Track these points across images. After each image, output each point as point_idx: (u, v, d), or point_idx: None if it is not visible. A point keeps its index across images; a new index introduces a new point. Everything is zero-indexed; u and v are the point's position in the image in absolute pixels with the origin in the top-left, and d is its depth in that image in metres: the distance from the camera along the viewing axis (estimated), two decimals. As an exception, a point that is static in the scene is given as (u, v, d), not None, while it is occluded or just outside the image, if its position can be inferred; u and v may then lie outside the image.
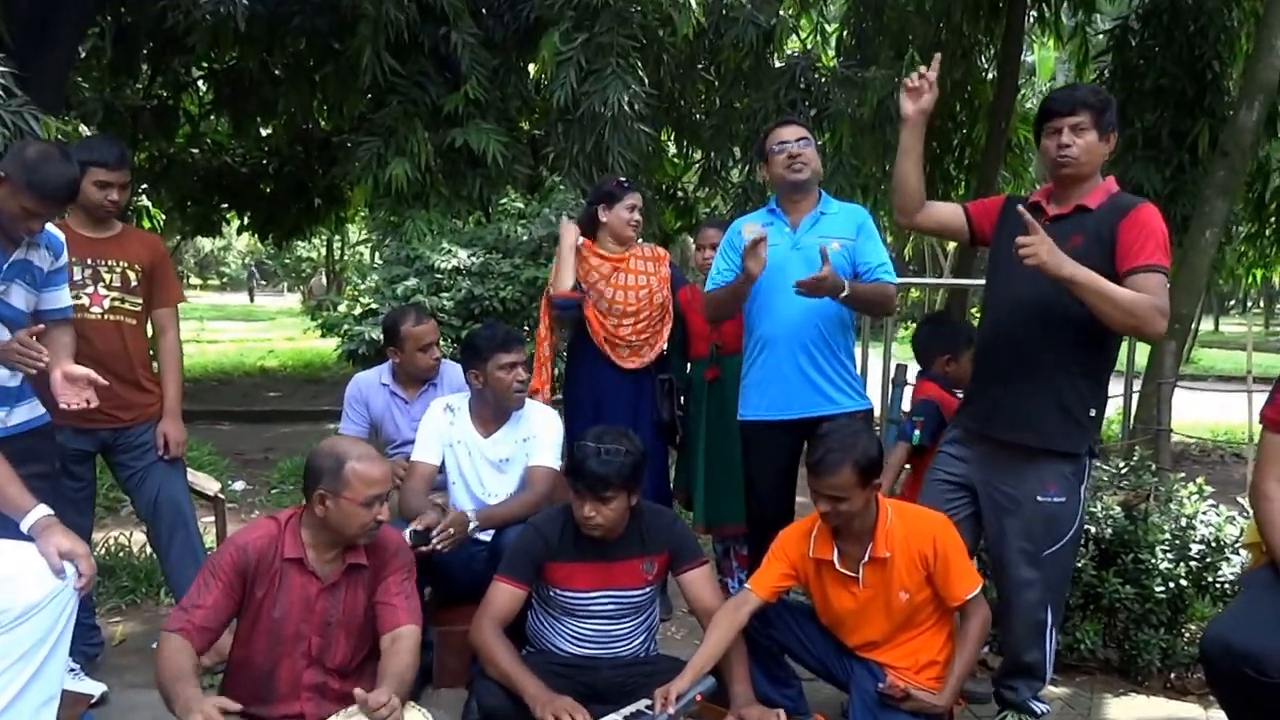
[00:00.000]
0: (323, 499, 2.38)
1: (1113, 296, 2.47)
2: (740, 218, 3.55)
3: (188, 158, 10.76)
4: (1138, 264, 2.54)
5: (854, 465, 2.54)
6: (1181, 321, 5.68)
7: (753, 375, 3.35)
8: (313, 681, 2.42)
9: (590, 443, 2.69)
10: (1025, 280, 2.64)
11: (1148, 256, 2.55)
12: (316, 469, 2.40)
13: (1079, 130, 2.64)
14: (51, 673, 2.25)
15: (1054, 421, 2.68)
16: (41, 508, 2.35)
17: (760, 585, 2.76)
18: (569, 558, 2.79)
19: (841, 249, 3.21)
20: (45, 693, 2.24)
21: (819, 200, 3.35)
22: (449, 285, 5.65)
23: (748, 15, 7.69)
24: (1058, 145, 2.66)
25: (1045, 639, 2.80)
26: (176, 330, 3.40)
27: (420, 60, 7.31)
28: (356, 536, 2.42)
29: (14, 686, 2.17)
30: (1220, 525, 3.50)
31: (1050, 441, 2.69)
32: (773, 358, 3.27)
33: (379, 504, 2.41)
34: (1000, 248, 2.82)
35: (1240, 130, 5.82)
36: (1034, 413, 2.68)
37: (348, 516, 2.38)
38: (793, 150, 3.24)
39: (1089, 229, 2.60)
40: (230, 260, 41.28)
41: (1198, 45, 8.15)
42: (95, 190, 3.09)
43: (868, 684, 2.67)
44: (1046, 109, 2.71)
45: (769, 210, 3.40)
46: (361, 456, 2.41)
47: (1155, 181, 8.04)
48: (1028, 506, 2.72)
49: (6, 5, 6.03)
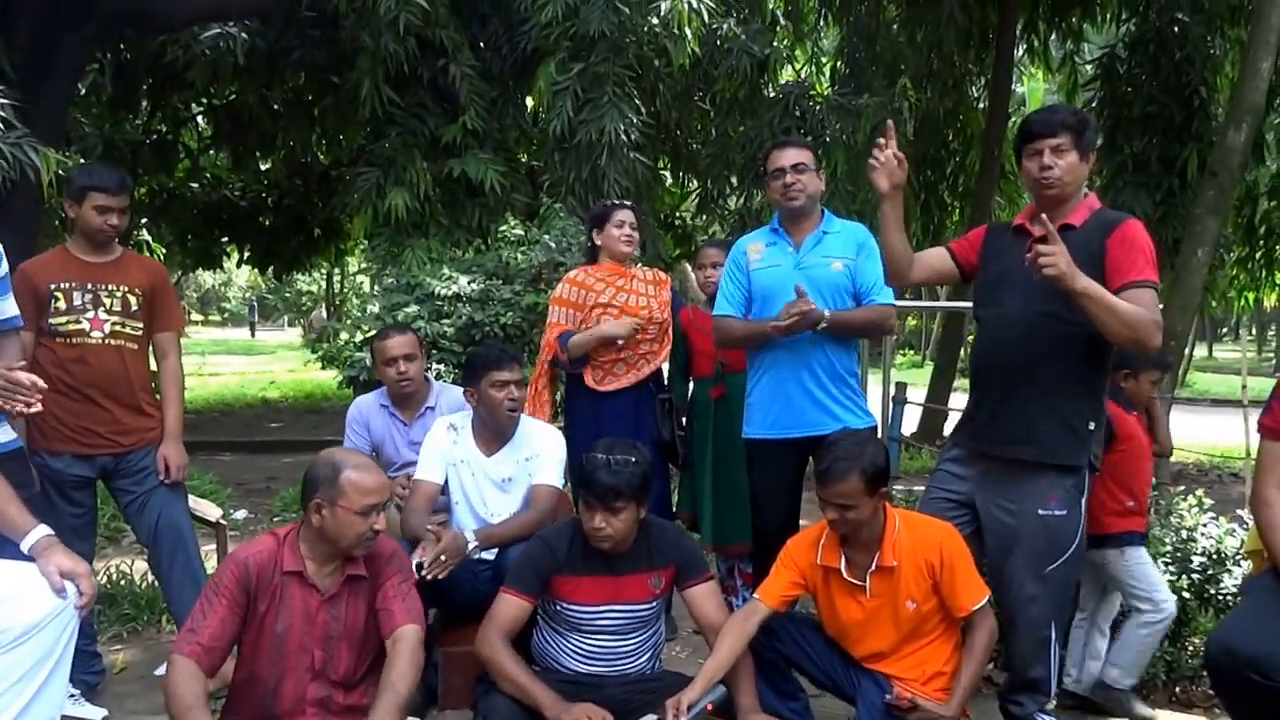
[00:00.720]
0: (319, 508, 2.39)
1: (1118, 311, 2.48)
2: (744, 236, 3.60)
3: (187, 192, 10.85)
4: (1130, 280, 2.57)
5: (861, 473, 2.57)
6: (1176, 339, 5.73)
7: (757, 394, 3.38)
8: (317, 696, 2.42)
9: (600, 454, 2.70)
10: (1018, 298, 2.70)
11: (1138, 272, 2.58)
12: (313, 478, 2.42)
13: (1060, 151, 2.67)
14: (54, 693, 2.25)
15: (1053, 435, 2.69)
16: (42, 527, 2.35)
17: (769, 594, 2.77)
18: (576, 571, 2.79)
19: (844, 269, 3.26)
20: (47, 713, 2.24)
21: (822, 219, 3.38)
22: (449, 311, 5.70)
23: (742, 45, 7.80)
24: (1040, 167, 2.69)
25: (1050, 654, 2.79)
26: (178, 355, 3.40)
27: (419, 92, 7.40)
28: (353, 547, 2.42)
29: (16, 706, 2.17)
30: (1221, 538, 3.52)
31: (1050, 455, 2.70)
32: (776, 376, 3.30)
33: (375, 514, 2.42)
34: (989, 271, 2.87)
35: (1228, 151, 5.90)
36: (1033, 427, 2.69)
37: (343, 526, 2.38)
38: (787, 180, 3.28)
39: (1077, 246, 2.60)
40: (231, 295, 41.36)
41: (1184, 72, 8.29)
42: (95, 215, 3.13)
43: (874, 696, 2.67)
44: (1027, 131, 2.74)
45: (771, 230, 3.44)
46: (358, 466, 2.43)
47: (1146, 206, 8.14)
48: (1029, 521, 2.72)
49: (7, 39, 6.12)
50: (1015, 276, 2.71)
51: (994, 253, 2.87)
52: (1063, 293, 2.50)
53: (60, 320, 3.11)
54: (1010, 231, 2.85)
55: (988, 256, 2.88)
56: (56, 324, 3.11)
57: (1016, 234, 2.81)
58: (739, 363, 3.80)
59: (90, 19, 6.76)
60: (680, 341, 3.99)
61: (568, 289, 3.97)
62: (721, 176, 8.72)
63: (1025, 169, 2.76)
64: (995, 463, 2.79)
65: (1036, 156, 2.69)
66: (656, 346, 3.93)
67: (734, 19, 8.08)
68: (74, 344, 3.11)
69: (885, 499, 2.69)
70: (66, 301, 3.12)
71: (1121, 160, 8.57)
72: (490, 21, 7.86)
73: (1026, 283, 2.62)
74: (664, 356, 3.96)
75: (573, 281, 3.99)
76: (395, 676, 2.35)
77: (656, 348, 3.93)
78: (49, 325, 3.10)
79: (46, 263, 3.18)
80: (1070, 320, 2.60)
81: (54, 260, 3.20)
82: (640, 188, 7.35)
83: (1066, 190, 2.71)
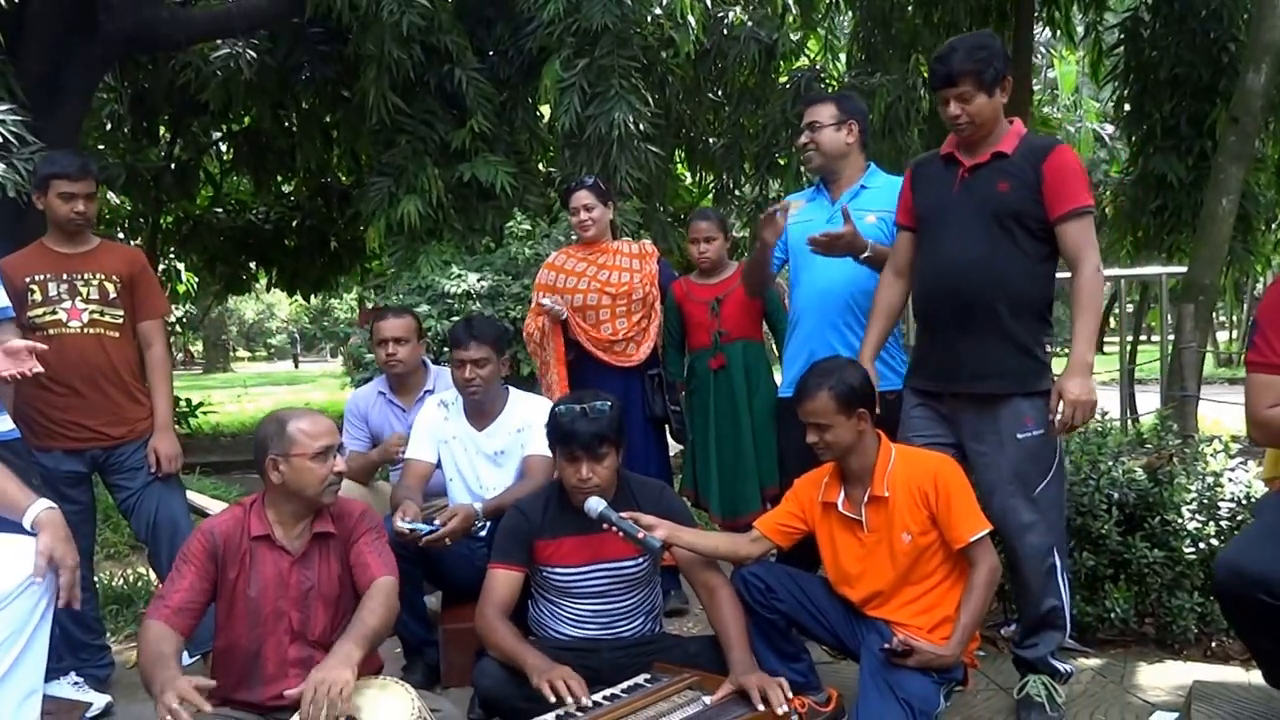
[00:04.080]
0: (275, 464, 2.37)
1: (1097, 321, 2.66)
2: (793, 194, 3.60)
3: (213, 218, 11.00)
4: (1070, 209, 2.62)
5: (830, 390, 2.57)
6: (1205, 292, 5.51)
7: (789, 349, 3.39)
8: (298, 656, 2.38)
9: (572, 405, 2.68)
10: (959, 232, 2.71)
11: (1075, 199, 2.62)
12: (262, 439, 2.41)
13: (964, 99, 2.65)
14: (31, 665, 2.23)
15: (1016, 364, 2.69)
16: (42, 501, 2.33)
17: (765, 523, 2.78)
18: (555, 533, 2.75)
19: (878, 221, 3.19)
20: (27, 685, 2.22)
21: (865, 172, 3.33)
22: (460, 309, 5.68)
23: (749, 32, 7.74)
24: (949, 115, 2.69)
25: (1059, 583, 2.72)
26: (164, 343, 3.39)
27: (427, 99, 7.41)
28: (319, 494, 2.39)
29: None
30: (1250, 482, 3.35)
31: (1018, 383, 2.69)
32: (805, 331, 3.30)
33: (332, 456, 2.39)
34: (922, 204, 2.83)
35: (1249, 94, 5.69)
36: (995, 360, 2.69)
37: (301, 474, 2.36)
38: (802, 140, 3.30)
39: (1012, 173, 2.66)
40: (273, 327, 42.03)
41: (1211, 29, 8.02)
42: (60, 203, 3.12)
43: (877, 645, 2.57)
44: (933, 76, 2.73)
45: (816, 187, 3.43)
46: (301, 415, 2.43)
47: (1179, 170, 7.90)
48: (1010, 446, 2.69)
49: (18, 63, 6.25)
50: (951, 209, 2.73)
51: (924, 183, 2.86)
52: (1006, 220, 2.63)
53: (38, 312, 3.11)
54: (939, 160, 2.83)
55: (919, 191, 2.86)
56: (34, 316, 3.10)
57: (946, 163, 2.80)
58: (737, 331, 3.74)
59: (98, 40, 6.88)
60: (674, 314, 3.92)
61: (545, 273, 4.00)
62: (736, 166, 8.65)
63: (941, 113, 2.74)
64: (965, 400, 2.76)
65: (945, 105, 2.69)
66: (645, 323, 3.87)
67: (740, 6, 8.03)
68: (52, 335, 3.09)
69: (867, 423, 2.64)
70: (42, 293, 3.12)
71: (1150, 126, 8.33)
72: (495, 26, 7.88)
73: (965, 215, 2.69)
74: (654, 334, 3.89)
75: (550, 265, 4.00)
76: (365, 613, 2.32)
77: (645, 324, 3.87)
78: (27, 319, 3.09)
79: (22, 258, 3.18)
80: (1016, 249, 2.65)
81: (29, 255, 3.20)
82: (653, 180, 7.31)
83: (983, 129, 2.70)
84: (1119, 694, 2.96)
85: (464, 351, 3.17)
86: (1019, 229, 2.65)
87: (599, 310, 3.83)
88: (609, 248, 3.92)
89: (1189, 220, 7.56)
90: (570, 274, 3.89)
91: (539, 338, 3.90)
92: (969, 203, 2.69)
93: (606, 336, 3.83)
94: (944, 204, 2.76)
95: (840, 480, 2.71)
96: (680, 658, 2.72)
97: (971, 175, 2.72)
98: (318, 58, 7.99)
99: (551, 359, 3.90)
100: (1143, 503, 3.34)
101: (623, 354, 3.84)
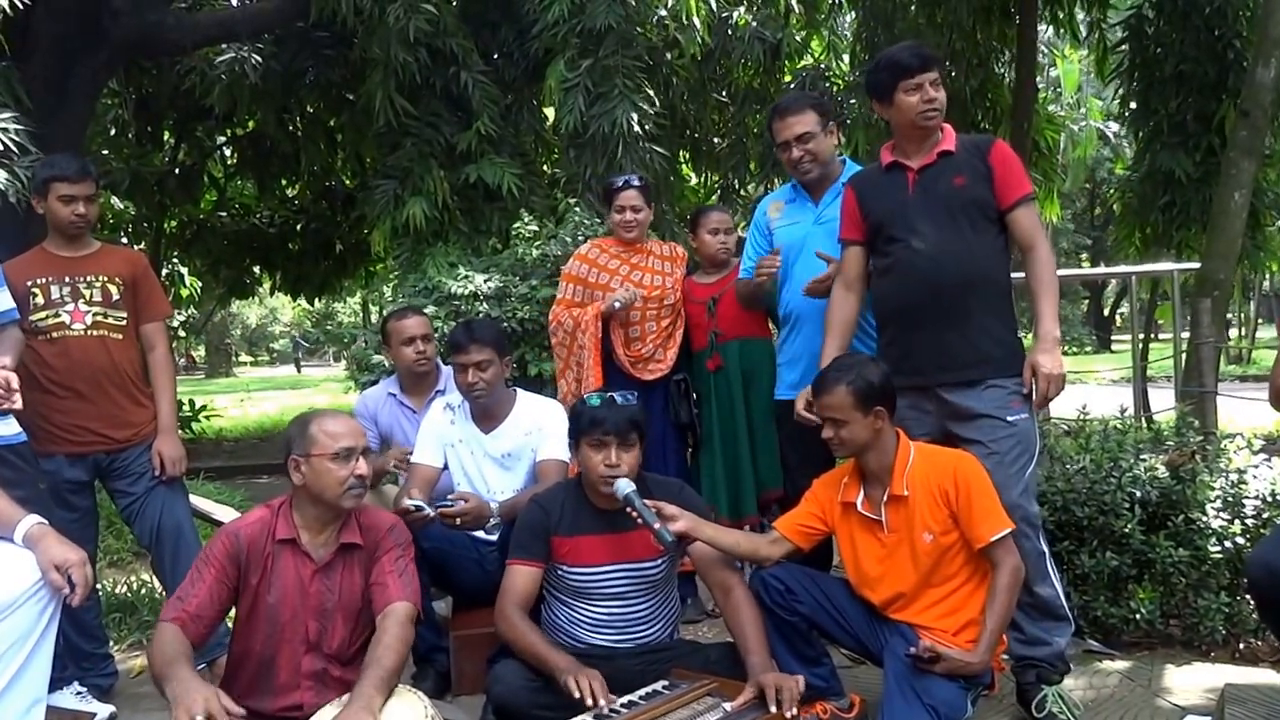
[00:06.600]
0: (297, 465, 2.34)
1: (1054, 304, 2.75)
2: (766, 196, 3.58)
3: (217, 222, 10.98)
4: (1019, 196, 2.78)
5: (848, 385, 2.54)
6: (1220, 287, 5.45)
7: (785, 353, 3.38)
8: (312, 669, 2.34)
9: (595, 398, 2.67)
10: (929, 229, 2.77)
11: (1021, 187, 2.79)
12: (287, 439, 2.39)
13: (937, 85, 2.76)
14: (35, 674, 2.19)
15: (997, 351, 2.76)
16: (32, 517, 2.29)
17: (786, 524, 2.73)
18: (573, 531, 2.69)
19: None
20: (31, 694, 2.18)
21: (844, 170, 3.30)
22: (467, 310, 5.63)
23: (753, 32, 7.70)
24: (925, 99, 2.75)
25: (1049, 568, 2.74)
26: (167, 345, 3.34)
27: (432, 102, 7.38)
28: (339, 498, 2.34)
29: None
30: (1275, 479, 3.29)
31: (1000, 369, 2.75)
32: (800, 334, 3.28)
33: (354, 458, 2.35)
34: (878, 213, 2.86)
35: (1259, 88, 5.65)
36: (979, 349, 2.75)
37: (322, 475, 2.32)
38: (794, 155, 3.25)
39: (963, 168, 2.77)
40: (277, 332, 42.03)
41: (1216, 25, 7.97)
42: (61, 206, 3.08)
43: (901, 649, 2.50)
44: (900, 66, 2.76)
45: (792, 186, 3.40)
46: (326, 416, 2.41)
47: (1186, 166, 7.83)
48: (1002, 428, 2.72)
49: (23, 68, 6.21)
50: (912, 210, 2.79)
51: (873, 194, 2.90)
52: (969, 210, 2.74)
53: (40, 316, 3.07)
54: (880, 170, 2.91)
55: (869, 202, 2.90)
56: (37, 320, 3.06)
57: (889, 170, 2.87)
58: (733, 331, 3.69)
59: (103, 46, 6.85)
60: None
61: (577, 265, 3.91)
62: (741, 166, 8.62)
63: (902, 105, 2.78)
64: (952, 389, 2.77)
65: (918, 91, 2.75)
66: (671, 329, 3.81)
67: (744, 6, 7.99)
68: (55, 338, 3.06)
69: (885, 421, 2.59)
70: (45, 296, 3.07)
71: (1157, 122, 8.27)
72: (500, 29, 7.85)
73: (928, 213, 2.76)
74: (678, 341, 3.82)
75: (583, 258, 3.91)
76: (381, 651, 2.25)
77: (671, 330, 3.81)
78: (30, 323, 3.04)
79: (23, 262, 3.13)
80: (980, 237, 2.76)
81: (31, 259, 3.16)
82: (658, 180, 7.26)
83: (940, 120, 2.80)
84: (1148, 698, 2.90)
85: (465, 355, 3.12)
86: (981, 218, 2.76)
87: (629, 311, 3.73)
88: (643, 248, 3.85)
89: (1198, 216, 7.52)
90: (604, 270, 3.81)
91: (570, 326, 3.77)
92: (928, 201, 2.78)
93: (639, 353, 3.76)
94: (903, 208, 2.81)
95: (859, 480, 2.67)
96: (699, 664, 2.65)
97: (923, 176, 2.80)
98: (323, 61, 7.98)
99: (588, 349, 3.73)
100: (1165, 501, 3.29)
101: (646, 369, 3.76)
